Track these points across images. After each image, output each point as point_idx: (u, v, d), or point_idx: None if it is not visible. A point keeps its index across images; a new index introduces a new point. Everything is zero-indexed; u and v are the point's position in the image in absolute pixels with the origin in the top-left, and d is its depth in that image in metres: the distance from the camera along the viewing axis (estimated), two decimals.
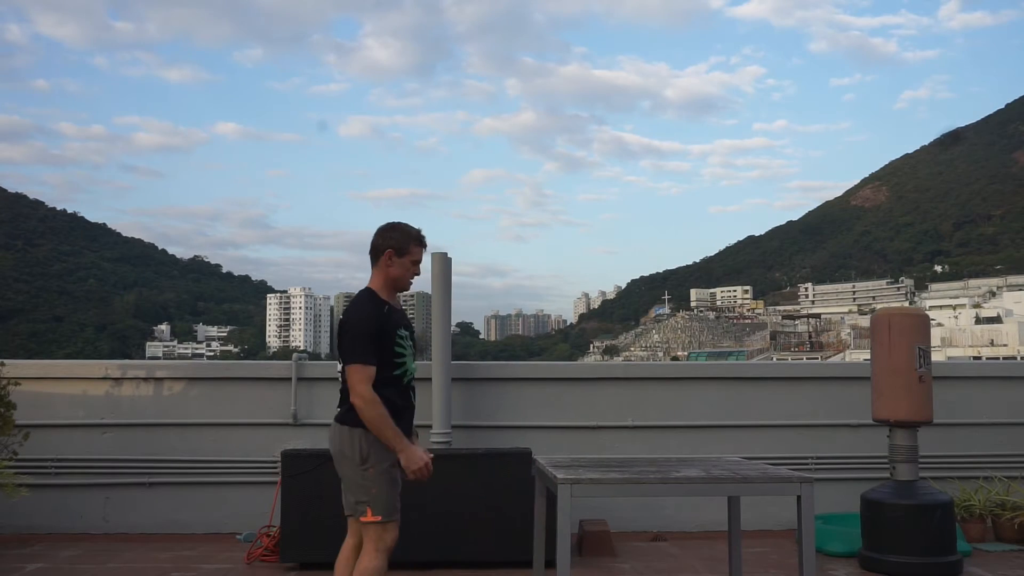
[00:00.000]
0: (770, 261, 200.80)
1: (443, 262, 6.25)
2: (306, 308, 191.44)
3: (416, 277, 3.67)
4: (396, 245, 3.57)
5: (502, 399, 6.51)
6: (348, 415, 3.47)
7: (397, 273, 3.58)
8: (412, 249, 3.60)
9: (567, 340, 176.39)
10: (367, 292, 3.58)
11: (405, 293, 3.79)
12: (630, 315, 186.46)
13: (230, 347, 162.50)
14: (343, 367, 3.48)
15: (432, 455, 3.50)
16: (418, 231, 3.66)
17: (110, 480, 6.24)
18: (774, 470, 3.61)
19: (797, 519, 3.38)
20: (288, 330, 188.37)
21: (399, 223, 3.65)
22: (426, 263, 6.54)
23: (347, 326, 3.51)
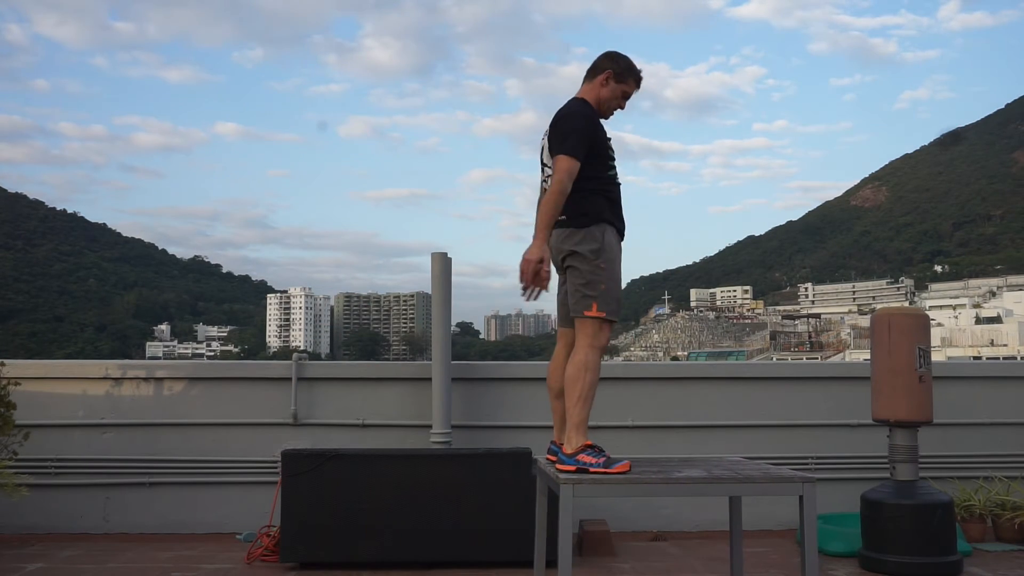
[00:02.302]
0: (770, 261, 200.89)
1: (443, 262, 6.24)
2: (306, 308, 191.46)
3: (619, 111, 3.75)
4: (617, 70, 3.66)
5: (502, 399, 6.50)
6: (578, 215, 3.54)
7: (607, 95, 3.67)
8: (629, 81, 3.69)
9: None
10: (580, 100, 3.66)
11: (406, 293, 3.83)
12: (630, 315, 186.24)
13: (230, 347, 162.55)
14: (552, 157, 3.55)
15: (541, 264, 3.43)
16: (640, 70, 3.75)
17: (110, 480, 6.24)
18: (776, 470, 3.61)
19: (800, 519, 3.37)
20: (288, 330, 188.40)
21: (626, 56, 3.74)
22: (426, 263, 6.59)
23: (562, 119, 3.58)
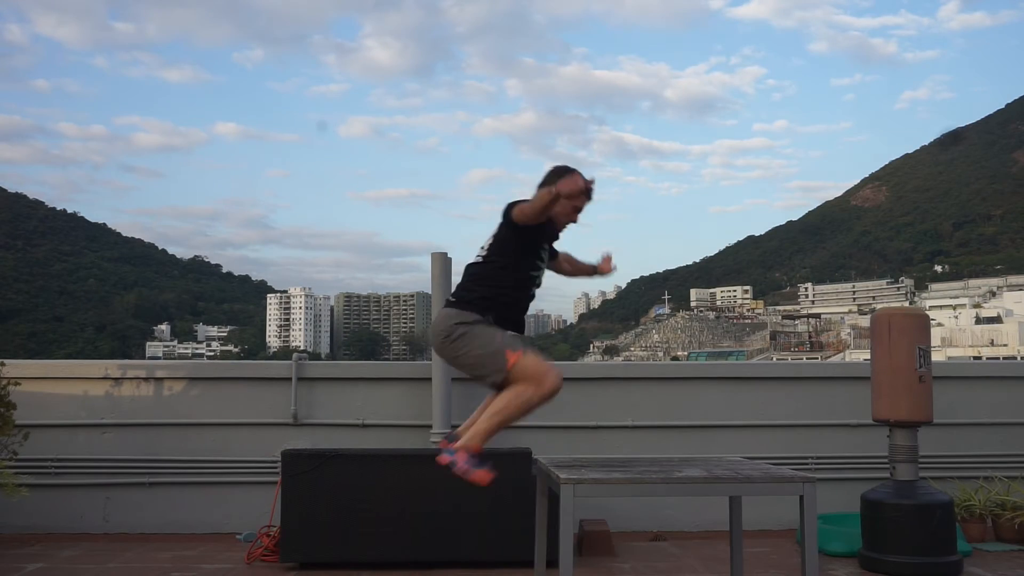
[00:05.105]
0: (770, 261, 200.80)
1: (443, 262, 6.25)
2: (306, 308, 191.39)
3: (572, 224, 3.72)
4: None
5: None
6: (458, 297, 3.60)
7: (558, 211, 3.61)
8: (579, 196, 3.64)
9: (567, 340, 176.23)
10: None
11: (406, 293, 3.82)
12: (630, 315, 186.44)
13: (230, 347, 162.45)
14: (494, 234, 3.61)
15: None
16: (592, 182, 3.68)
17: (110, 480, 6.24)
18: (776, 470, 3.61)
19: (800, 519, 3.38)
20: (288, 330, 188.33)
21: (576, 170, 3.69)
22: (426, 263, 6.59)
23: (518, 200, 3.57)
